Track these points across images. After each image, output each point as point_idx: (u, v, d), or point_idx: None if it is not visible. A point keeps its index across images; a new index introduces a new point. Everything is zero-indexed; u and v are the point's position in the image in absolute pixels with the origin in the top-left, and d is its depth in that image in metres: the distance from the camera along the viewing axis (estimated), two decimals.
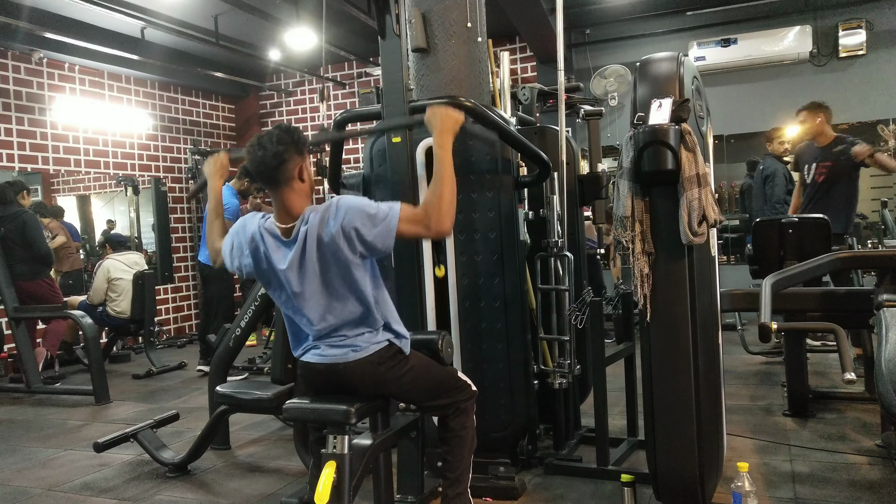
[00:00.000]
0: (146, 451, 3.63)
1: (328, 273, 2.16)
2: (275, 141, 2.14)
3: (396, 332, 2.29)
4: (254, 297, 3.96)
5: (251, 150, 2.17)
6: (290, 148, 2.16)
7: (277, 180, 2.17)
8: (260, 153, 2.15)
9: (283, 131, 2.18)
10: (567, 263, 3.23)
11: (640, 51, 6.28)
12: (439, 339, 2.45)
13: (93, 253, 7.70)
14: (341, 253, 2.13)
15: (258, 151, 2.15)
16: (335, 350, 2.23)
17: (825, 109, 5.24)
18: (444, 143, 2.26)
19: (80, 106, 7.34)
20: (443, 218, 2.14)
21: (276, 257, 2.20)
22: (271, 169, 2.15)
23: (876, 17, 7.23)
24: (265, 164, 2.15)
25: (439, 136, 2.28)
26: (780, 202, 5.95)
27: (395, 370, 2.25)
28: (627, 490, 2.64)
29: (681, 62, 2.53)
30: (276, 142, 2.14)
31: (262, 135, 2.18)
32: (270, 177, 2.17)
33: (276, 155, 2.13)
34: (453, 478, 2.38)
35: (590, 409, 3.32)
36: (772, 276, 2.64)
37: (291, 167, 2.16)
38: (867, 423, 3.73)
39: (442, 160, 2.23)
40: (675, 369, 2.45)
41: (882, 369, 2.17)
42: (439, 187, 2.17)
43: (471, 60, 3.14)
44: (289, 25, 6.69)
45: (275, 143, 2.14)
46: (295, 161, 2.17)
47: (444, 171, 2.20)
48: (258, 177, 2.22)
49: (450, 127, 2.30)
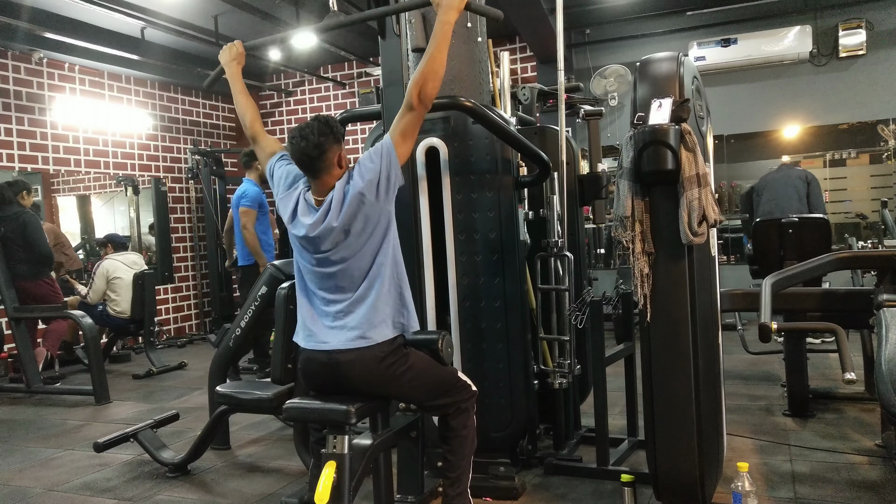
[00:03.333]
0: (146, 451, 3.63)
1: (348, 237, 2.25)
2: (316, 132, 2.25)
3: (402, 325, 2.33)
4: (254, 297, 3.96)
5: (294, 141, 2.27)
6: (330, 138, 2.27)
7: (319, 168, 2.29)
8: (302, 144, 2.25)
9: (323, 123, 2.28)
10: (567, 263, 3.23)
11: (640, 51, 6.29)
12: (439, 339, 2.45)
13: (93, 253, 7.69)
14: (362, 205, 2.24)
15: (301, 142, 2.25)
16: (339, 334, 2.24)
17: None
18: (447, 20, 2.34)
19: (80, 106, 7.34)
20: (427, 82, 2.26)
21: (305, 220, 2.31)
22: (313, 159, 2.26)
23: (876, 17, 7.23)
24: (307, 154, 2.26)
25: (444, 13, 2.34)
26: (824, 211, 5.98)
27: (396, 367, 2.26)
28: (627, 490, 2.64)
29: (681, 62, 2.53)
30: (317, 133, 2.25)
31: (304, 126, 2.28)
32: (312, 165, 2.28)
33: (318, 146, 2.25)
34: (454, 477, 2.39)
35: (590, 409, 3.32)
36: (772, 276, 2.64)
37: (331, 156, 2.28)
38: (867, 423, 3.73)
39: (442, 32, 2.31)
40: (675, 369, 2.45)
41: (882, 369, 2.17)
42: (431, 53, 2.28)
43: (471, 60, 3.14)
44: (289, 25, 6.69)
45: (316, 135, 2.25)
46: (334, 150, 2.29)
47: (440, 41, 2.30)
48: (300, 165, 2.32)
49: (456, 4, 2.36)
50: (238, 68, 2.74)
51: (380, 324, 2.25)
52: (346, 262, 2.27)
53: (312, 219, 2.29)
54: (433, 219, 3.09)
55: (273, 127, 9.44)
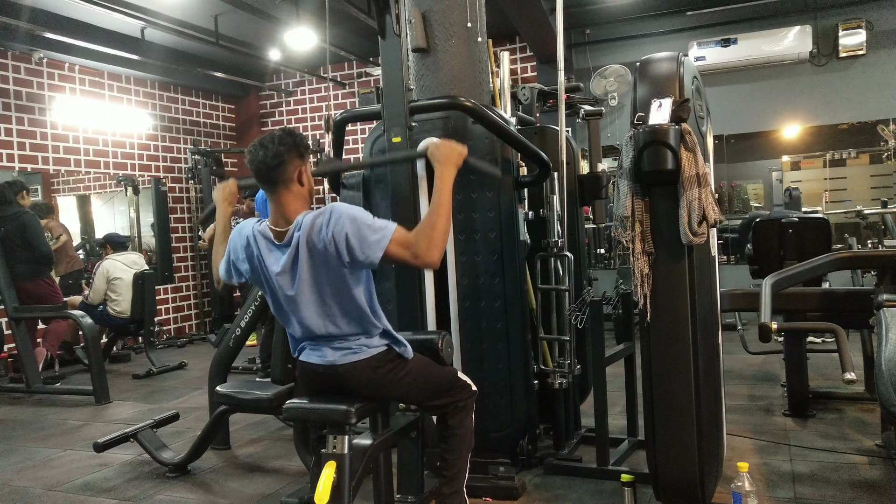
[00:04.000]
0: (146, 451, 3.63)
1: (321, 280, 2.16)
2: (276, 142, 2.16)
3: (395, 339, 2.29)
4: (254, 298, 3.97)
5: (252, 150, 2.18)
6: (292, 150, 2.17)
7: (276, 181, 2.17)
8: (261, 153, 2.16)
9: (286, 133, 2.19)
10: (567, 263, 3.23)
11: (640, 51, 6.29)
12: (439, 339, 2.46)
13: (93, 253, 7.69)
14: (332, 260, 2.13)
15: (259, 151, 2.16)
16: (334, 352, 2.24)
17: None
18: (446, 175, 2.26)
19: (80, 106, 7.34)
20: (432, 248, 2.12)
21: (269, 261, 2.20)
22: (270, 169, 2.16)
23: (876, 17, 7.23)
24: (265, 163, 2.16)
25: (443, 168, 2.26)
26: None
27: (394, 373, 2.26)
28: (627, 490, 2.64)
29: (681, 62, 2.53)
30: (277, 142, 2.16)
31: (265, 136, 2.20)
32: (269, 177, 2.18)
33: (277, 155, 2.15)
34: (450, 476, 2.39)
35: (590, 409, 3.32)
36: (772, 276, 2.64)
37: (291, 169, 2.17)
38: (867, 423, 3.73)
39: (442, 192, 2.21)
40: (675, 369, 2.45)
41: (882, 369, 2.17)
42: (434, 217, 2.16)
43: (471, 60, 3.14)
44: (289, 25, 6.69)
45: (276, 144, 2.16)
46: (295, 164, 2.18)
47: (441, 203, 2.19)
48: (257, 176, 2.21)
49: (454, 160, 2.29)
50: (228, 210, 2.61)
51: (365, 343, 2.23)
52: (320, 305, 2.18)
53: (279, 264, 2.17)
54: None
55: (273, 127, 9.43)
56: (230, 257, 2.35)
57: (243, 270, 2.31)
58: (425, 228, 2.14)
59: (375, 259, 2.10)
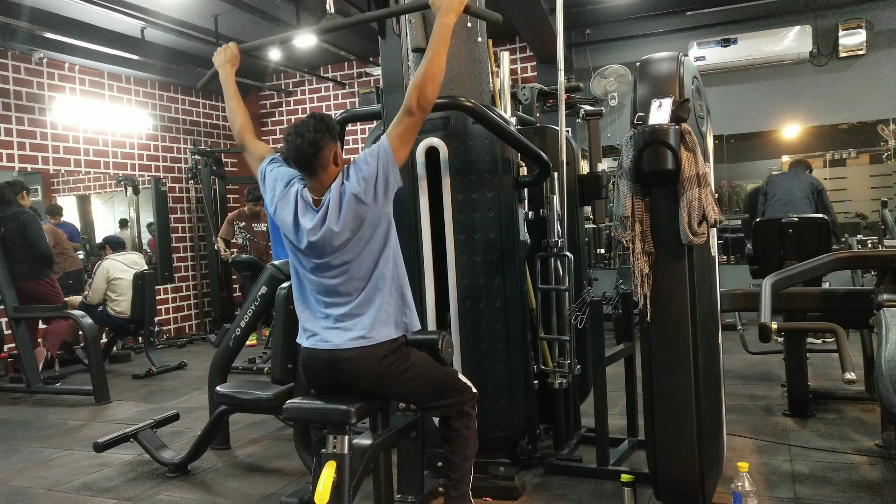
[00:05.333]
0: (146, 451, 3.63)
1: (349, 240, 2.23)
2: (312, 129, 2.24)
3: (405, 325, 2.33)
4: (254, 297, 3.96)
5: (290, 140, 2.26)
6: (326, 136, 2.26)
7: (315, 166, 2.27)
8: (298, 141, 2.24)
9: (318, 120, 2.27)
10: (567, 263, 3.23)
11: (640, 51, 6.28)
12: (439, 339, 2.45)
13: (93, 253, 7.69)
14: (361, 207, 2.22)
15: (296, 140, 2.24)
16: (341, 334, 2.25)
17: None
18: (446, 23, 2.33)
19: (80, 106, 7.34)
20: (427, 87, 2.24)
21: (304, 221, 2.29)
22: (309, 157, 2.25)
23: (876, 17, 7.23)
24: (303, 151, 2.24)
25: (444, 16, 2.33)
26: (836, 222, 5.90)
27: (397, 366, 2.26)
28: (627, 490, 2.64)
29: (681, 62, 2.53)
30: (313, 130, 2.24)
31: (299, 123, 2.27)
32: (309, 163, 2.27)
33: (314, 143, 2.23)
34: (457, 478, 2.39)
35: (590, 409, 3.32)
36: (772, 276, 2.64)
37: (327, 153, 2.27)
38: (867, 423, 3.73)
39: (441, 35, 2.30)
40: (675, 369, 2.45)
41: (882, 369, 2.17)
42: (429, 57, 2.27)
43: (471, 60, 3.14)
44: (289, 25, 6.69)
45: (312, 132, 2.23)
46: (330, 147, 2.27)
47: (438, 44, 2.29)
48: (296, 163, 2.30)
49: (454, 8, 2.35)
50: (232, 71, 2.72)
51: (382, 324, 2.26)
52: (347, 266, 2.26)
53: (312, 222, 2.26)
54: (433, 219, 3.09)
55: (273, 127, 9.44)
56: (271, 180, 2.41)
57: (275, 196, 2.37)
58: (420, 71, 2.26)
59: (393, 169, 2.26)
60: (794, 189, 6.01)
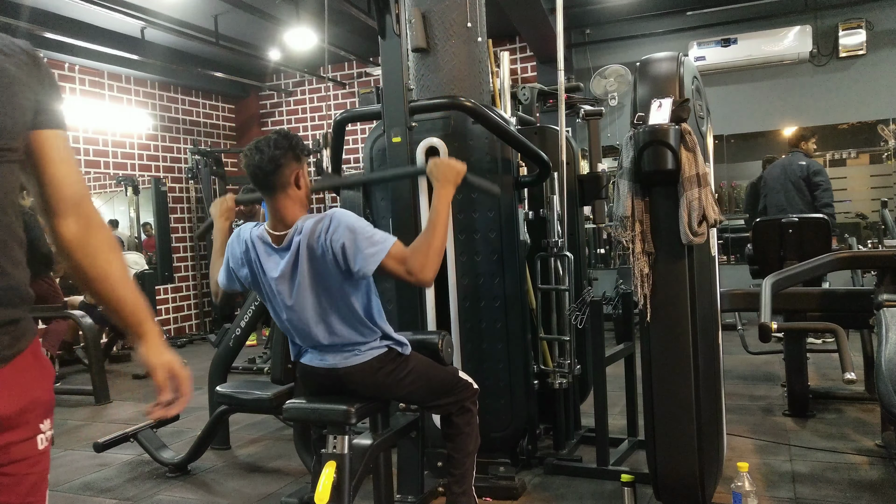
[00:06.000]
0: (146, 451, 3.63)
1: (319, 286, 2.15)
2: (272, 145, 2.13)
3: (394, 339, 2.30)
4: (254, 298, 3.96)
5: (248, 154, 2.16)
6: (288, 153, 2.15)
7: (273, 185, 2.15)
8: (257, 157, 2.13)
9: (282, 136, 2.16)
10: (567, 263, 3.23)
11: (640, 51, 6.29)
12: (439, 339, 2.46)
13: None
14: (331, 267, 2.12)
15: (255, 155, 2.14)
16: (334, 356, 2.24)
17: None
18: (444, 194, 2.25)
19: (80, 106, 7.34)
20: (426, 268, 2.11)
21: (268, 266, 2.19)
22: (267, 173, 2.14)
23: (876, 17, 7.23)
24: (261, 168, 2.13)
25: (441, 187, 2.26)
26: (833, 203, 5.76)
27: (395, 374, 2.26)
28: (627, 490, 2.64)
29: (681, 62, 2.53)
30: (273, 146, 2.13)
31: (261, 139, 2.17)
32: (266, 181, 2.16)
33: (273, 159, 2.12)
34: (458, 475, 2.39)
35: (590, 409, 3.32)
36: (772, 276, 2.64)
37: (287, 173, 2.15)
38: (867, 423, 3.73)
39: (439, 211, 2.20)
40: (675, 369, 2.45)
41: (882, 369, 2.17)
42: (431, 236, 2.14)
43: (471, 60, 3.14)
44: (289, 25, 6.69)
45: (272, 148, 2.13)
46: (291, 167, 2.16)
47: (438, 221, 2.17)
48: (254, 181, 2.20)
49: (452, 179, 2.28)
50: (225, 224, 2.59)
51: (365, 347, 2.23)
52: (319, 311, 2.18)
53: (278, 268, 2.16)
54: None
55: (273, 127, 9.44)
56: (229, 264, 2.34)
57: (242, 276, 2.30)
58: (421, 247, 2.13)
59: (369, 271, 2.09)
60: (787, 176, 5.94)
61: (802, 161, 5.93)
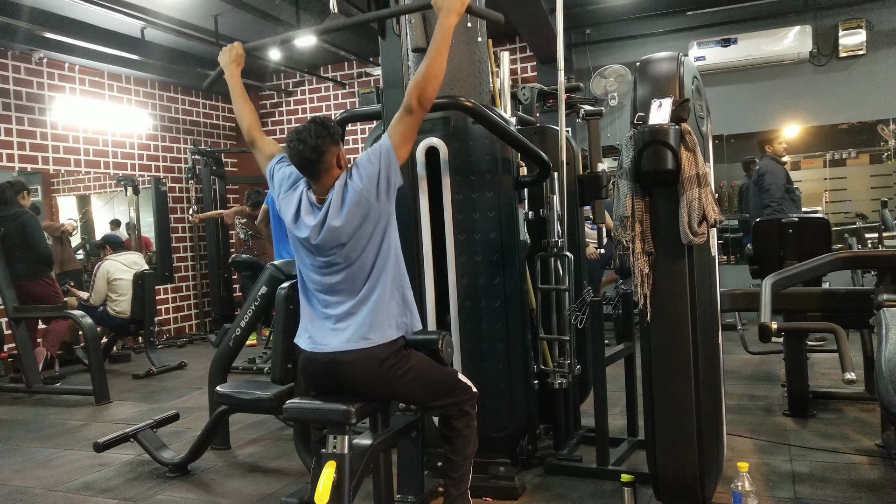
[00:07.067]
0: (146, 451, 3.63)
1: (351, 236, 2.25)
2: (313, 135, 2.25)
3: (406, 325, 2.33)
4: (254, 297, 3.96)
5: (292, 145, 2.27)
6: (328, 140, 2.27)
7: (318, 170, 2.29)
8: (300, 147, 2.25)
9: (320, 125, 2.28)
10: (567, 263, 3.23)
11: (640, 51, 6.28)
12: (439, 339, 2.45)
13: (93, 253, 7.69)
14: (363, 203, 2.24)
15: (298, 146, 2.25)
16: (340, 336, 2.25)
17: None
18: (448, 23, 2.34)
19: (80, 106, 7.34)
20: (428, 86, 2.27)
21: (307, 219, 2.31)
22: (312, 162, 2.26)
23: (876, 17, 7.23)
24: (306, 157, 2.26)
25: (446, 16, 2.35)
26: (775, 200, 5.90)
27: (396, 369, 2.26)
28: (627, 490, 2.64)
29: (681, 62, 2.53)
30: (314, 135, 2.24)
31: (301, 129, 2.28)
32: (312, 168, 2.28)
33: (316, 148, 2.24)
34: (457, 478, 2.39)
35: (590, 409, 3.32)
36: (772, 276, 2.64)
37: (330, 157, 2.28)
38: (867, 423, 3.73)
39: (443, 35, 2.32)
40: (675, 369, 2.45)
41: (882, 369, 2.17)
42: (430, 56, 2.29)
43: (471, 60, 3.14)
44: (289, 25, 6.69)
45: (313, 137, 2.24)
46: (332, 151, 2.29)
47: (440, 45, 2.30)
48: (300, 168, 2.32)
49: (456, 8, 2.36)
50: (237, 70, 2.74)
51: (382, 325, 2.26)
52: (349, 264, 2.27)
53: (315, 219, 2.28)
54: (433, 219, 3.09)
55: (273, 127, 9.44)
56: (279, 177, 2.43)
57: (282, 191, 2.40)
58: (421, 69, 2.28)
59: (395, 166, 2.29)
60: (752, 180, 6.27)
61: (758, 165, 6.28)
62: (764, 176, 6.04)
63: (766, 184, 5.99)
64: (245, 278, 7.21)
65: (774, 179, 5.96)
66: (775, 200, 5.89)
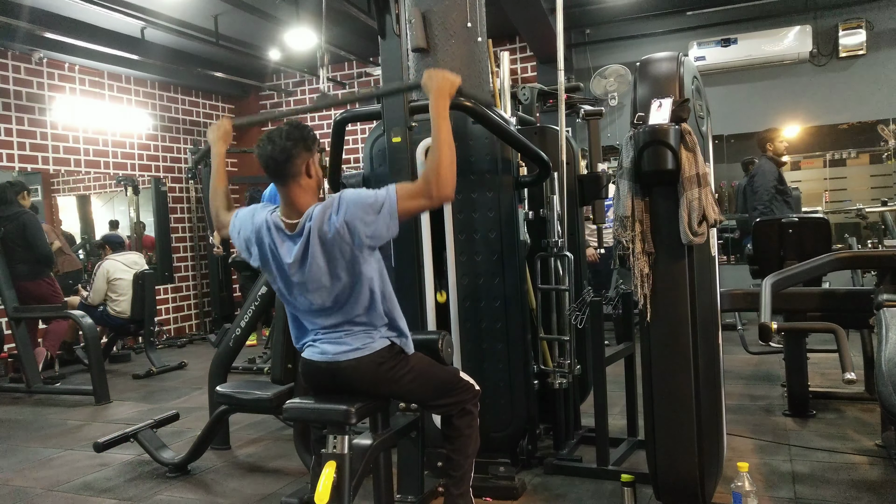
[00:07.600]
0: (146, 451, 3.63)
1: (333, 268, 2.18)
2: (283, 136, 2.19)
3: (399, 331, 2.31)
4: (254, 297, 3.96)
5: (261, 145, 2.21)
6: (299, 144, 2.20)
7: (285, 175, 2.21)
8: (269, 147, 2.19)
9: (293, 127, 2.22)
10: (567, 263, 3.23)
11: (640, 51, 6.28)
12: (439, 339, 2.45)
13: (93, 253, 7.69)
14: (346, 247, 2.15)
15: (267, 146, 2.20)
16: (337, 346, 2.24)
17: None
18: (440, 107, 2.24)
19: (80, 106, 7.33)
20: (443, 184, 2.14)
21: (282, 251, 2.23)
22: (279, 163, 2.19)
23: (876, 17, 7.23)
24: (273, 158, 2.19)
25: (436, 100, 2.25)
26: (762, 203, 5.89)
27: (396, 370, 2.26)
28: (627, 490, 2.64)
29: (681, 62, 2.53)
30: (284, 137, 2.19)
31: (273, 130, 2.23)
32: (278, 171, 2.21)
33: (284, 150, 2.18)
34: (458, 477, 2.39)
35: (590, 409, 3.32)
36: (772, 276, 2.64)
37: (299, 163, 2.20)
38: (867, 423, 3.73)
39: (439, 126, 2.21)
40: (675, 369, 2.45)
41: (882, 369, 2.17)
42: (437, 153, 2.17)
43: (471, 60, 3.14)
44: (289, 25, 6.69)
45: (283, 139, 2.18)
46: (303, 157, 2.21)
47: (441, 137, 2.19)
48: (267, 171, 2.24)
49: (446, 90, 2.27)
50: (224, 148, 2.64)
51: (374, 336, 2.24)
52: (332, 292, 2.21)
53: (291, 255, 2.19)
54: (433, 219, 3.09)
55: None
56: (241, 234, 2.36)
57: (253, 254, 2.33)
58: (432, 167, 2.16)
59: (394, 229, 2.17)
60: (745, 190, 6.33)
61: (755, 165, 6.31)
62: (755, 177, 6.06)
63: (755, 185, 6.00)
64: (245, 278, 7.22)
65: (764, 181, 5.95)
66: (762, 203, 5.88)
